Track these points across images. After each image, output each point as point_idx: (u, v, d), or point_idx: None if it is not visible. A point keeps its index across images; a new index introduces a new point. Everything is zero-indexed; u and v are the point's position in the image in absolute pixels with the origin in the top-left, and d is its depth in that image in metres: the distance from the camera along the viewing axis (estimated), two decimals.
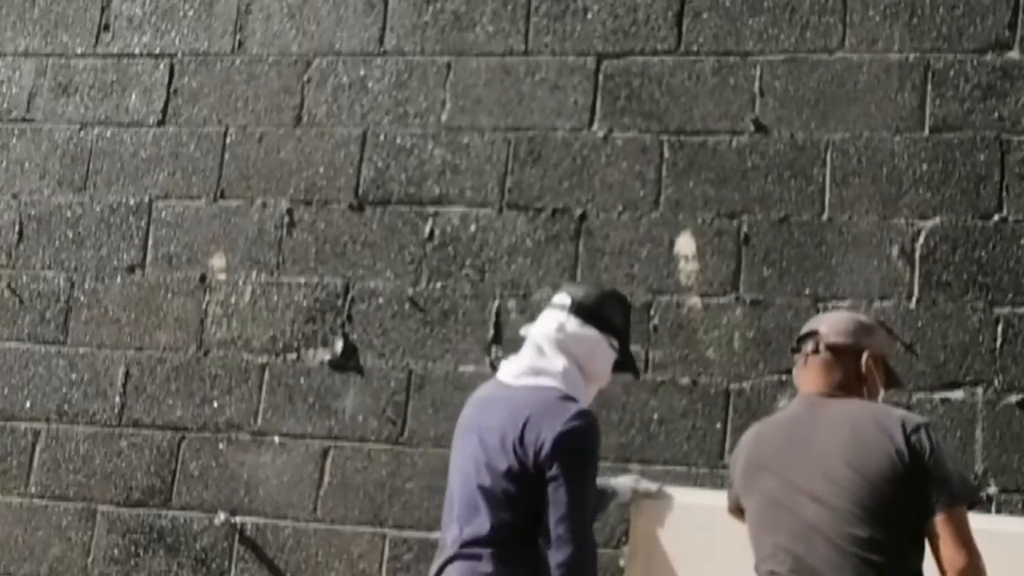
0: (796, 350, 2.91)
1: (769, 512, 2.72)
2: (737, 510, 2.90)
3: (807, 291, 4.04)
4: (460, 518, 2.97)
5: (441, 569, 2.97)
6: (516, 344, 4.23)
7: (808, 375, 2.86)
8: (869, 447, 2.62)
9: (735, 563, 3.19)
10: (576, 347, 3.10)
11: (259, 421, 4.37)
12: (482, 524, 2.93)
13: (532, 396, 3.02)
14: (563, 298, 3.18)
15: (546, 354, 3.09)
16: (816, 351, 2.84)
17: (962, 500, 2.60)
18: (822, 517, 2.60)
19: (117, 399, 4.51)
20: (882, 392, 2.92)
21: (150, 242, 4.63)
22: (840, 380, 2.81)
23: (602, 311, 3.16)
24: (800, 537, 2.62)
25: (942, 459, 2.60)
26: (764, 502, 2.74)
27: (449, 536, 2.99)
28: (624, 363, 3.23)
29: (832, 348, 2.83)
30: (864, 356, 2.83)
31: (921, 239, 3.99)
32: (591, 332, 3.12)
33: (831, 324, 2.87)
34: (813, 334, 2.87)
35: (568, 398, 3.02)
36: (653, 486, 3.41)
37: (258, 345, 4.44)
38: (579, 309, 3.15)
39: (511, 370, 3.13)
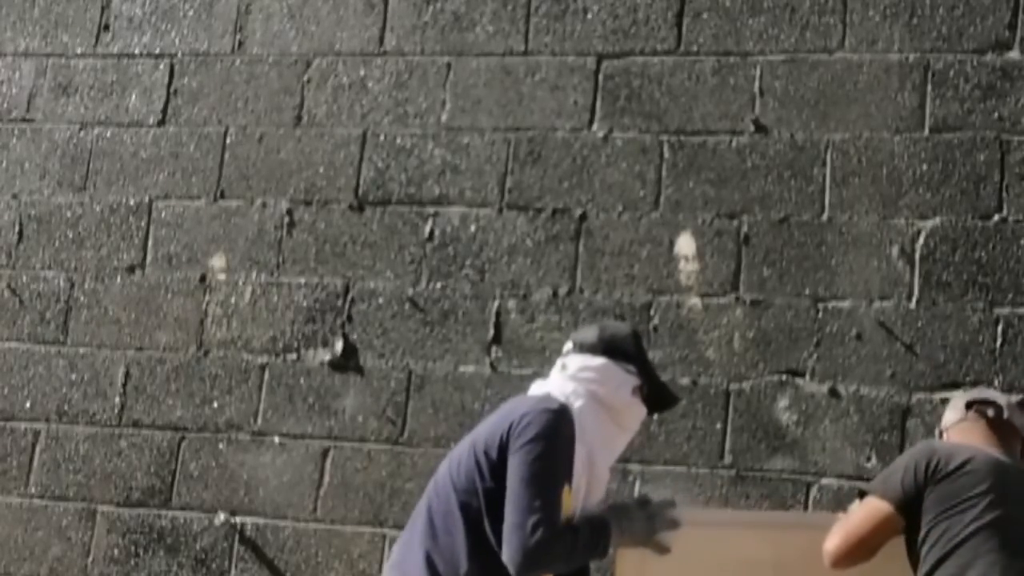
0: (969, 407, 3.14)
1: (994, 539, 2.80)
2: (902, 508, 2.92)
3: (807, 291, 4.04)
4: None
5: None
6: (516, 344, 4.26)
7: (986, 433, 3.07)
8: None
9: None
10: (585, 376, 3.01)
11: (259, 421, 4.37)
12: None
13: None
14: (567, 345, 3.12)
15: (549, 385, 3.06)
16: (995, 416, 3.10)
17: None
18: None
19: (117, 399, 4.51)
20: None
21: (150, 242, 4.63)
22: (1013, 449, 3.08)
23: (605, 341, 3.06)
24: None
25: None
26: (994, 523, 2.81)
27: None
28: (657, 392, 3.10)
29: (1006, 419, 3.11)
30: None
31: (921, 239, 4.00)
32: (597, 360, 3.03)
33: (1006, 400, 3.18)
34: (986, 401, 3.13)
35: (547, 398, 2.95)
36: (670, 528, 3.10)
37: (258, 345, 4.44)
38: (582, 347, 3.07)
39: None
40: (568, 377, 3.03)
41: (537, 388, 3.09)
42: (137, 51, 4.84)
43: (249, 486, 4.32)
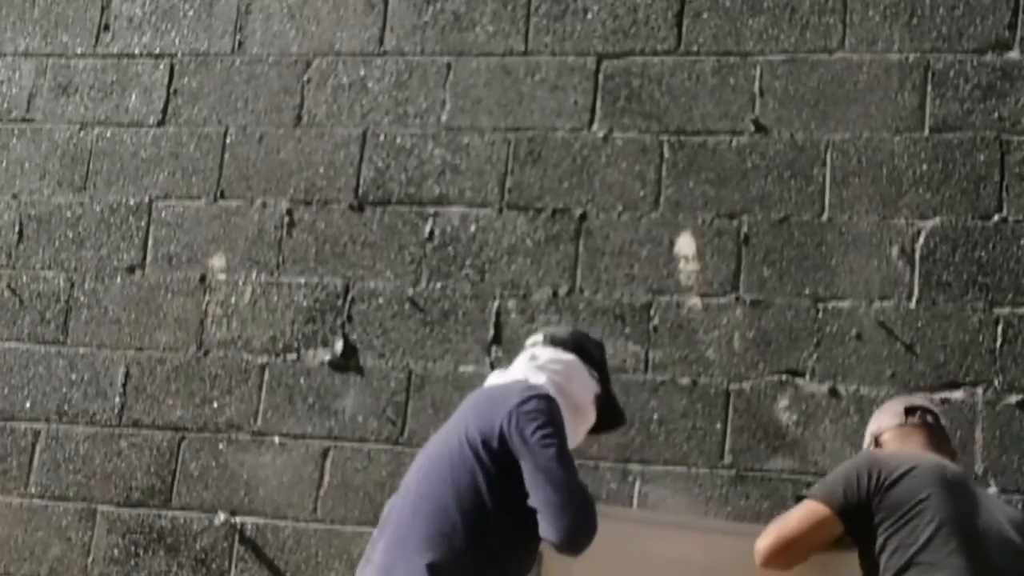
0: (910, 413, 3.20)
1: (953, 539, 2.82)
2: (841, 514, 2.92)
3: (807, 291, 4.04)
4: None
5: None
6: (516, 344, 4.25)
7: (926, 440, 3.13)
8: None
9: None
10: (552, 367, 3.02)
11: (259, 421, 4.37)
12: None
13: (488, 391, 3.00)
14: (536, 337, 3.14)
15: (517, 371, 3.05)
16: (933, 423, 3.18)
17: None
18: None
19: (117, 399, 4.51)
20: None
21: (150, 242, 4.63)
22: (948, 453, 3.15)
23: (576, 341, 3.10)
24: None
25: None
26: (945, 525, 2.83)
27: None
28: (609, 409, 3.12)
29: (942, 426, 3.22)
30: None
31: (921, 239, 4.00)
32: (567, 356, 3.06)
33: (934, 405, 3.31)
34: (926, 408, 3.20)
35: (531, 384, 2.94)
36: None
37: (258, 345, 4.44)
38: (553, 340, 3.10)
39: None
40: (537, 368, 3.03)
41: (500, 377, 3.08)
42: (137, 51, 4.84)
43: (249, 486, 4.32)
